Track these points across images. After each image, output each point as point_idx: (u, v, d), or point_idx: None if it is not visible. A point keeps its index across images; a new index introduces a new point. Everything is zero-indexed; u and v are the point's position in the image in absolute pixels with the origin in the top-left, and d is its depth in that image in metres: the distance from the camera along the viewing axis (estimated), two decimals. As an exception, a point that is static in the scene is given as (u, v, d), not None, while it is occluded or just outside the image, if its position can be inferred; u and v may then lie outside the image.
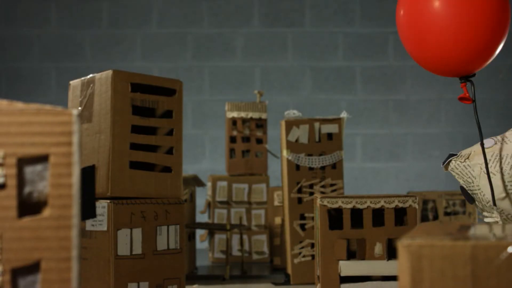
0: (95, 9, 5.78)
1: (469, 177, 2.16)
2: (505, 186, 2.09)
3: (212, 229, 3.72)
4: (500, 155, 2.11)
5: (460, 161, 2.17)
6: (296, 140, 3.30)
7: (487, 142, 2.16)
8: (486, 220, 2.14)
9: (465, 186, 2.16)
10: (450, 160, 2.16)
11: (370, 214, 2.59)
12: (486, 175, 2.09)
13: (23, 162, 1.04)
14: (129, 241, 2.40)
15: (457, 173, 2.18)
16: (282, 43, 5.79)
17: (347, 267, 2.55)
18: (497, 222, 2.08)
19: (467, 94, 2.21)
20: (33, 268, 1.04)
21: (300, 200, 3.28)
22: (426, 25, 2.20)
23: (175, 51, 5.78)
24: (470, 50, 2.17)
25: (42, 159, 1.05)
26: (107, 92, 2.45)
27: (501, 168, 2.10)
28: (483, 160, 2.10)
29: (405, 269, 1.06)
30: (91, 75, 2.56)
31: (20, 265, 1.03)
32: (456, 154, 2.19)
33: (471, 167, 2.15)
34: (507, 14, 2.19)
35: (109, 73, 2.46)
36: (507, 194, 2.09)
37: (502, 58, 5.88)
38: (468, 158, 2.17)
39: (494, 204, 2.07)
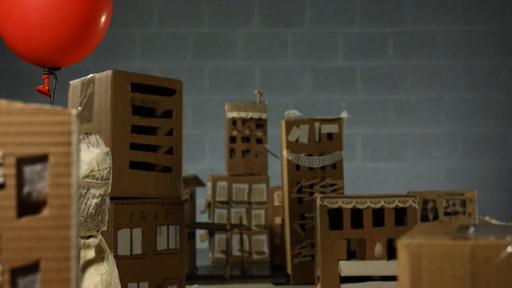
0: (95, 9, 5.78)
1: None
2: None
3: (212, 229, 3.71)
4: None
5: None
6: (296, 140, 3.30)
7: None
8: None
9: None
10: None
11: (370, 214, 2.59)
12: None
13: (22, 162, 1.04)
14: (129, 241, 2.40)
15: None
16: (282, 43, 5.79)
17: (347, 267, 2.55)
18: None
19: (46, 88, 1.98)
20: (32, 268, 1.04)
21: (300, 200, 3.28)
22: None
23: (175, 51, 5.78)
24: (57, 42, 1.92)
25: (41, 159, 1.05)
26: (107, 92, 2.45)
27: None
28: None
29: (404, 268, 1.06)
30: (91, 75, 2.56)
31: (19, 265, 1.03)
32: None
33: None
34: (96, 14, 1.96)
35: (109, 73, 2.46)
36: None
37: (502, 58, 5.89)
38: None
39: None
